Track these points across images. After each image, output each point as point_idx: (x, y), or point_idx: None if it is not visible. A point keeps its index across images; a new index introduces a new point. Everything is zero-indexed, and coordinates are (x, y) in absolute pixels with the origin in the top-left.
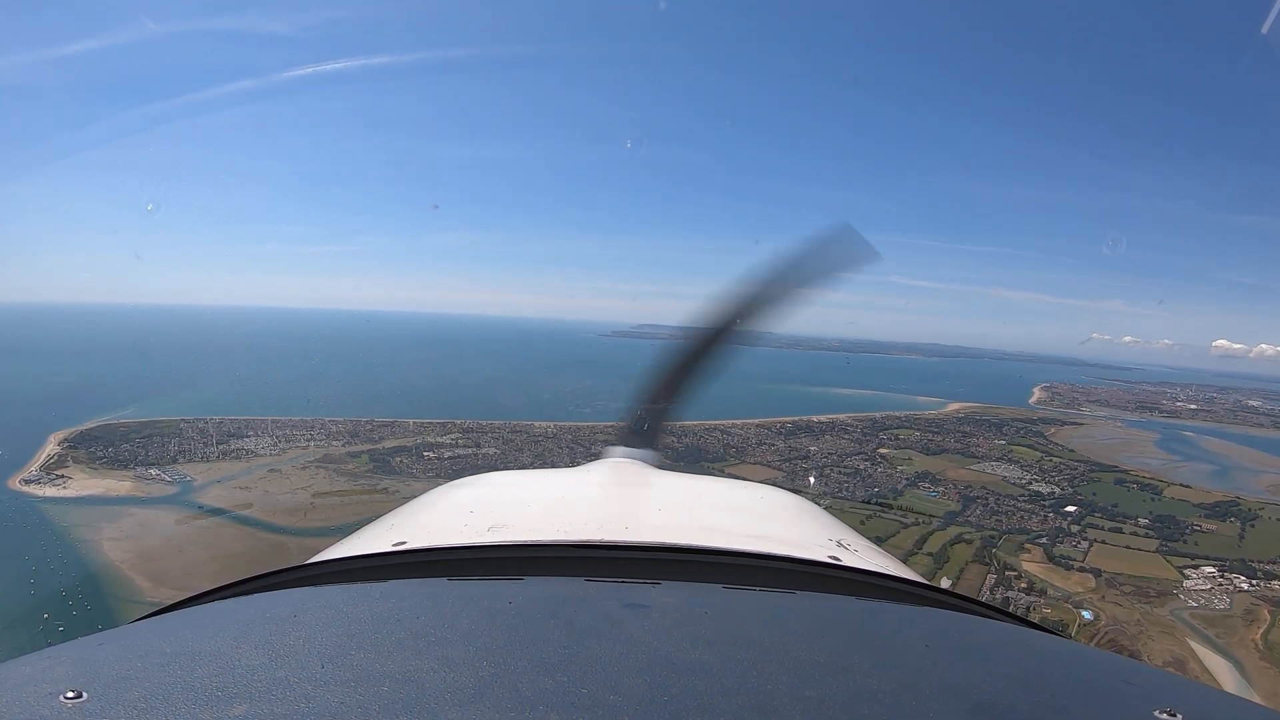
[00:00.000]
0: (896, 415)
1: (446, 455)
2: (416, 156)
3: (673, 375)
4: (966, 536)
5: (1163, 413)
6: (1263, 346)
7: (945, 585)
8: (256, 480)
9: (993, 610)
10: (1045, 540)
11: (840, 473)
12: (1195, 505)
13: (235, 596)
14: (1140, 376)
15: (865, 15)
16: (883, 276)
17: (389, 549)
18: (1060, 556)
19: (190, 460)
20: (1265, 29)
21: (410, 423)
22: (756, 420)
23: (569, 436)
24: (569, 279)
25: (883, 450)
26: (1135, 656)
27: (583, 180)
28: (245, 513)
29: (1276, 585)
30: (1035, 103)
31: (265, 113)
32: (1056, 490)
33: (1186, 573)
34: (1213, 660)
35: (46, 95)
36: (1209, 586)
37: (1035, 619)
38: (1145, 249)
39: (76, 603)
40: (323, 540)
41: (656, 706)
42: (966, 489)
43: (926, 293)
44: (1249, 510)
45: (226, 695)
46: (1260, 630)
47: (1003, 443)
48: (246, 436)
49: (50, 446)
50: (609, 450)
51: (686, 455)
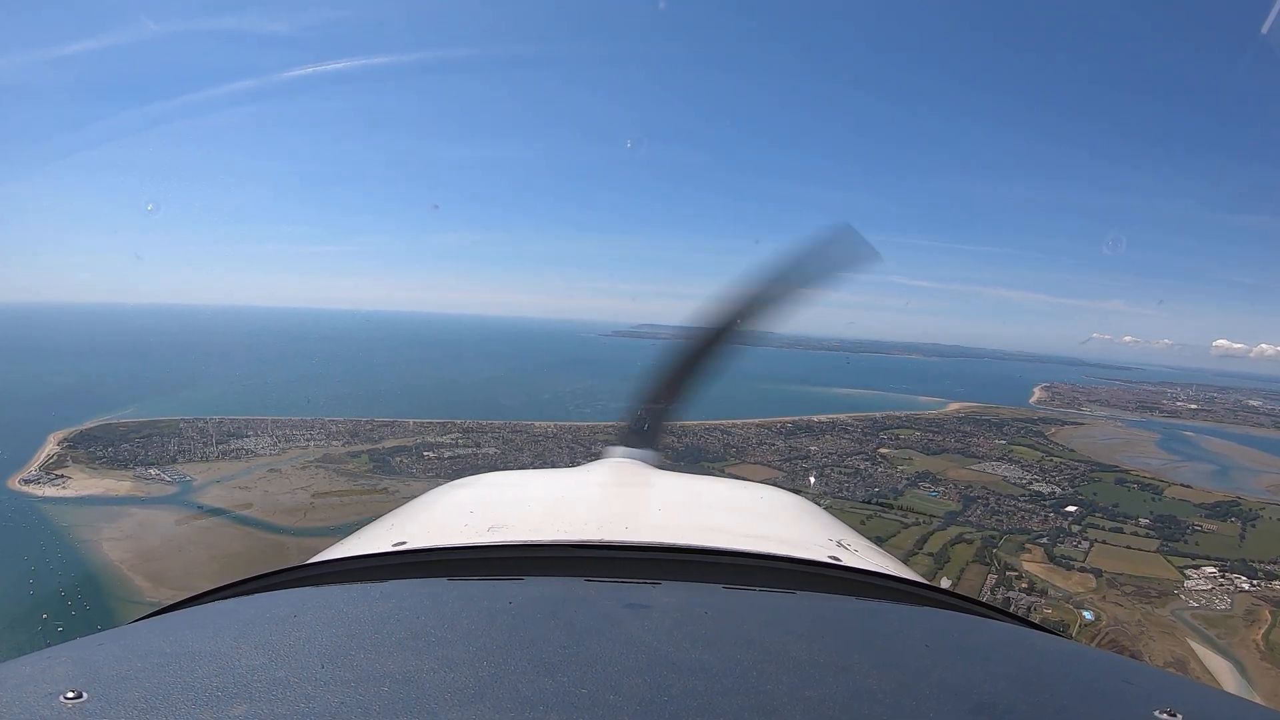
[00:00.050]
0: (897, 415)
1: (446, 455)
2: (416, 156)
3: (672, 375)
4: (967, 536)
5: (1163, 413)
6: (1263, 346)
7: (946, 585)
8: (256, 480)
9: (993, 610)
10: (1046, 540)
11: (840, 473)
12: (1196, 505)
13: (235, 596)
14: (1140, 376)
15: (865, 15)
16: (883, 276)
17: (389, 549)
18: (1061, 557)
19: (190, 460)
20: (1265, 29)
21: (410, 423)
22: (757, 420)
23: (569, 436)
24: (569, 279)
25: (883, 450)
26: (1136, 657)
27: (583, 180)
28: (245, 513)
29: (1277, 585)
30: (1035, 103)
31: (265, 113)
32: (1057, 490)
33: (1187, 573)
34: (1214, 661)
35: (46, 95)
36: (1210, 587)
37: (1036, 619)
38: (1145, 249)
39: (76, 603)
40: (323, 540)
41: (656, 706)
42: (967, 489)
43: (926, 293)
44: (1250, 510)
45: (226, 695)
46: (1261, 630)
47: (1003, 443)
48: (246, 436)
49: (50, 446)
50: (609, 450)
51: (686, 455)
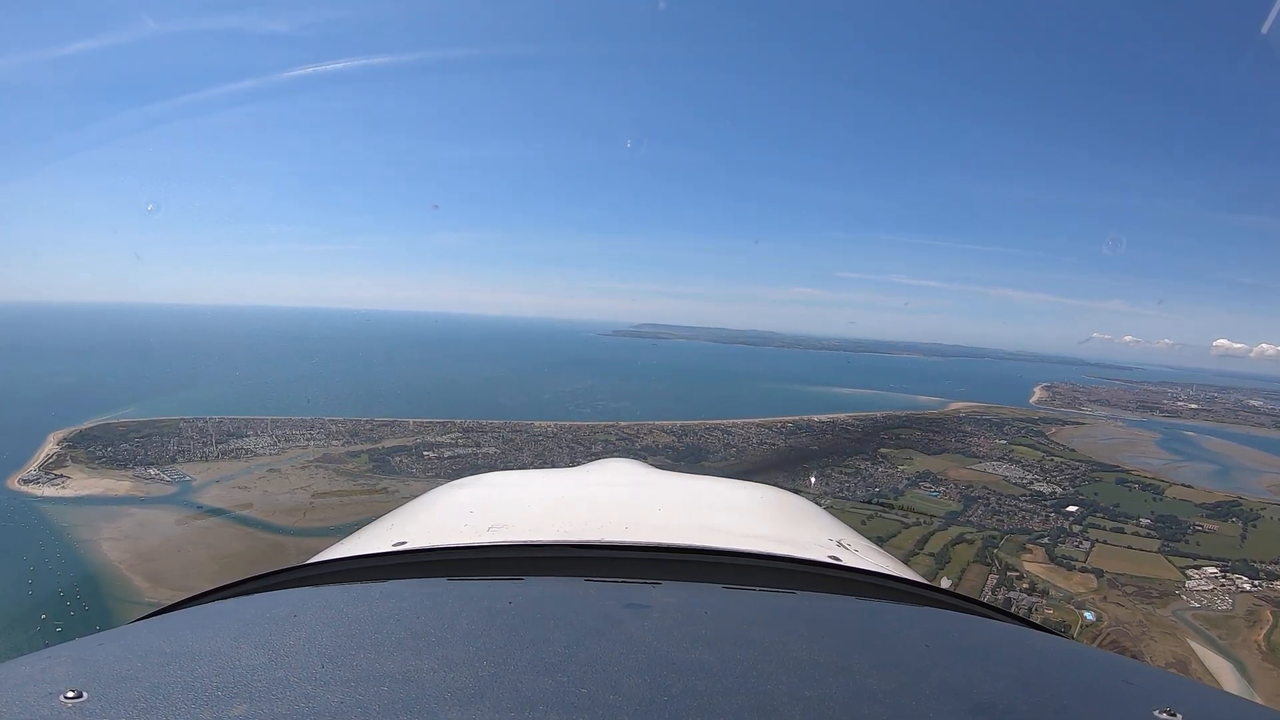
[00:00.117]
0: (897, 415)
1: (446, 455)
2: (416, 156)
3: None
4: (968, 537)
5: (1164, 412)
6: (1263, 346)
7: (946, 585)
8: (256, 480)
9: (993, 610)
10: (1047, 540)
11: (841, 472)
12: (1197, 505)
13: (235, 596)
14: (1141, 376)
15: (865, 15)
16: (883, 276)
17: (389, 549)
18: (1062, 557)
19: (189, 460)
20: (1265, 29)
21: (410, 422)
22: (757, 420)
23: (569, 436)
24: (569, 278)
25: (884, 450)
26: (1137, 657)
27: (582, 180)
28: (245, 513)
29: (1279, 586)
30: (1035, 102)
31: (265, 113)
32: (1058, 490)
33: (1188, 573)
34: (1215, 661)
35: (46, 95)
36: (1211, 587)
37: (1037, 620)
38: (1145, 249)
39: (75, 603)
40: (323, 540)
41: (656, 706)
42: (968, 489)
43: (927, 292)
44: (1251, 510)
45: (226, 695)
46: (1263, 631)
47: (1004, 442)
48: (246, 436)
49: (49, 446)
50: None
51: (686, 455)
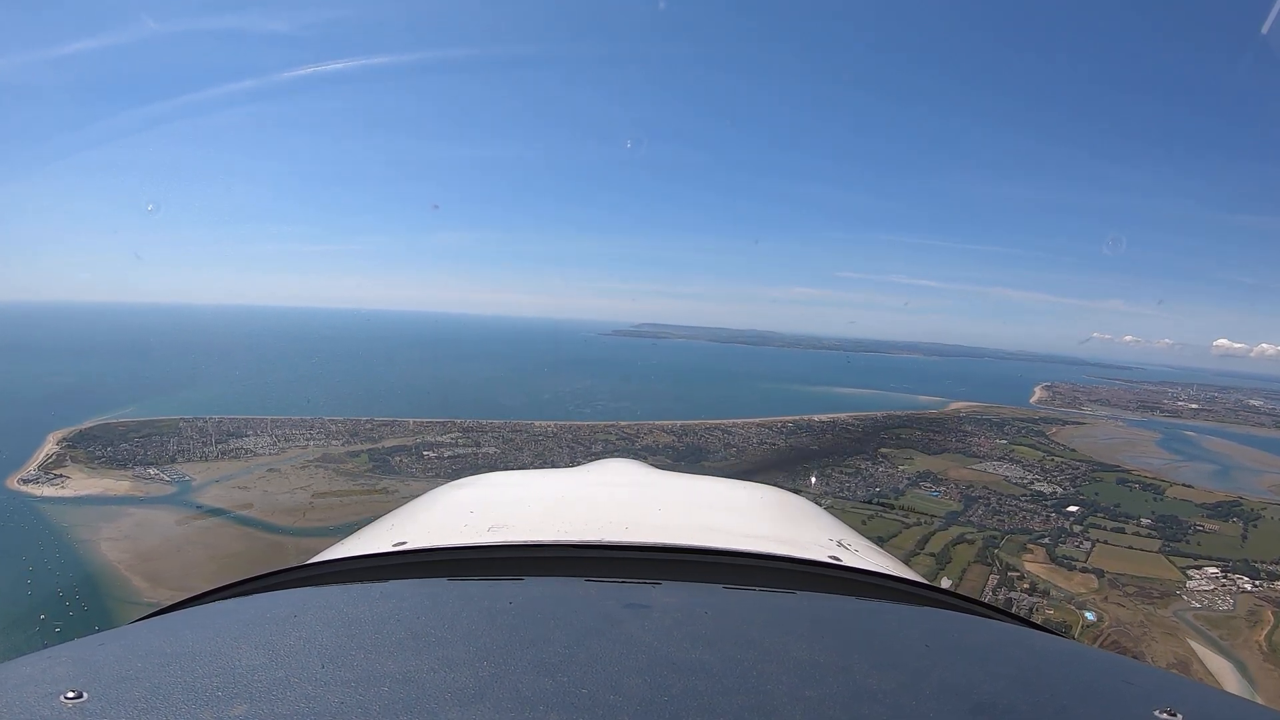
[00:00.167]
0: (898, 414)
1: (446, 455)
2: (416, 156)
3: None
4: (968, 537)
5: (1164, 412)
6: (1263, 346)
7: (946, 585)
8: (256, 480)
9: (993, 610)
10: (1047, 540)
11: (841, 472)
12: (1198, 505)
13: (235, 597)
14: (1141, 376)
15: (865, 15)
16: (883, 276)
17: (389, 549)
18: (1063, 557)
19: (189, 460)
20: (1265, 29)
21: (410, 422)
22: (757, 419)
23: (569, 436)
24: (569, 278)
25: (884, 450)
26: (1138, 658)
27: (582, 180)
28: (244, 513)
29: None
30: (1035, 102)
31: (265, 113)
32: (1058, 490)
33: (1189, 573)
34: (1216, 662)
35: (46, 95)
36: (1212, 587)
37: (1038, 620)
38: (1145, 249)
39: (74, 603)
40: (322, 540)
41: (657, 706)
42: (968, 489)
43: (927, 292)
44: (1252, 510)
45: (227, 695)
46: (1264, 632)
47: (1004, 442)
48: (246, 436)
49: (49, 446)
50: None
51: (686, 455)
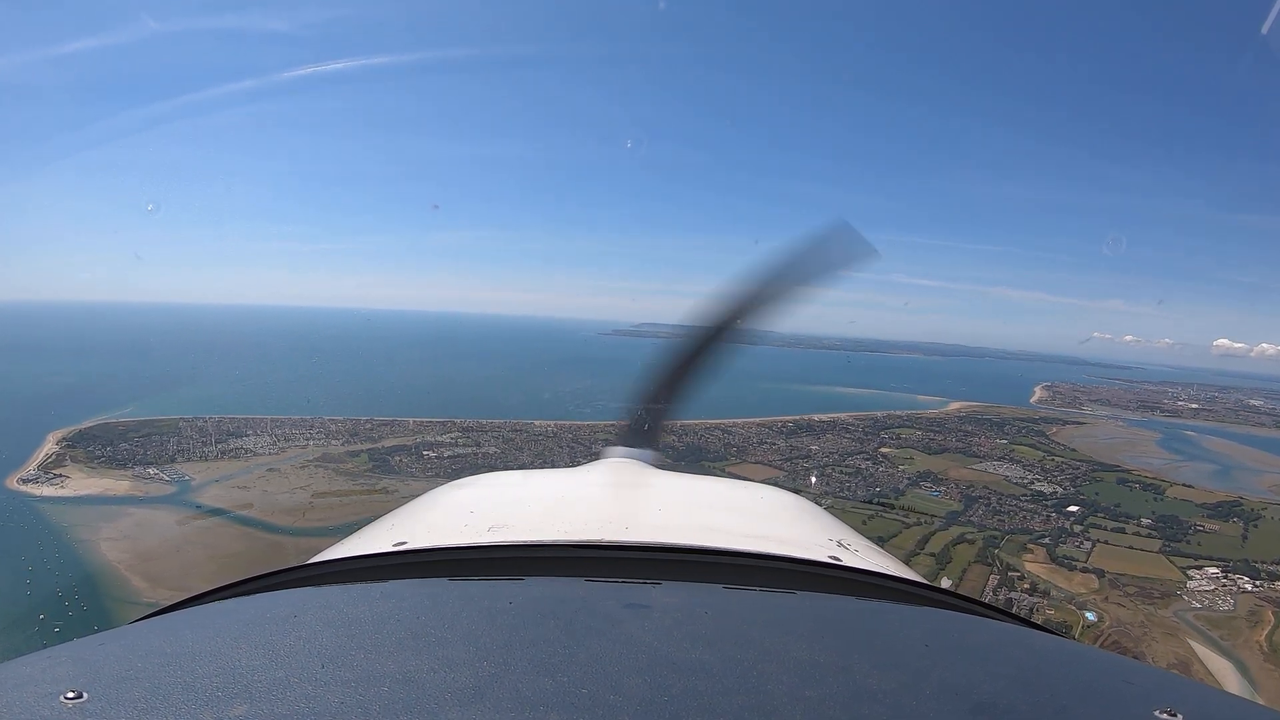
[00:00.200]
0: (898, 414)
1: (446, 454)
2: (417, 155)
3: (672, 374)
4: (969, 537)
5: (1164, 412)
6: (1264, 346)
7: (946, 586)
8: (255, 480)
9: (993, 610)
10: (1048, 541)
11: (841, 472)
12: (1198, 505)
13: (235, 597)
14: (1141, 376)
15: (865, 15)
16: (883, 275)
17: (389, 549)
18: (1063, 557)
19: (189, 459)
20: (1265, 29)
21: (410, 421)
22: (757, 419)
23: (569, 436)
24: (569, 277)
25: (884, 449)
26: (1139, 658)
27: (583, 179)
28: (244, 513)
29: None
30: (1036, 102)
31: (265, 112)
32: (1059, 490)
33: (1190, 573)
34: (1216, 662)
35: (46, 95)
36: (1213, 587)
37: (1038, 620)
38: (1145, 248)
39: (73, 603)
40: (322, 540)
41: (656, 706)
42: (968, 489)
43: (927, 291)
44: (1252, 510)
45: (227, 695)
46: (1265, 632)
47: (1004, 442)
48: (245, 435)
49: (48, 445)
50: (609, 450)
51: (686, 455)
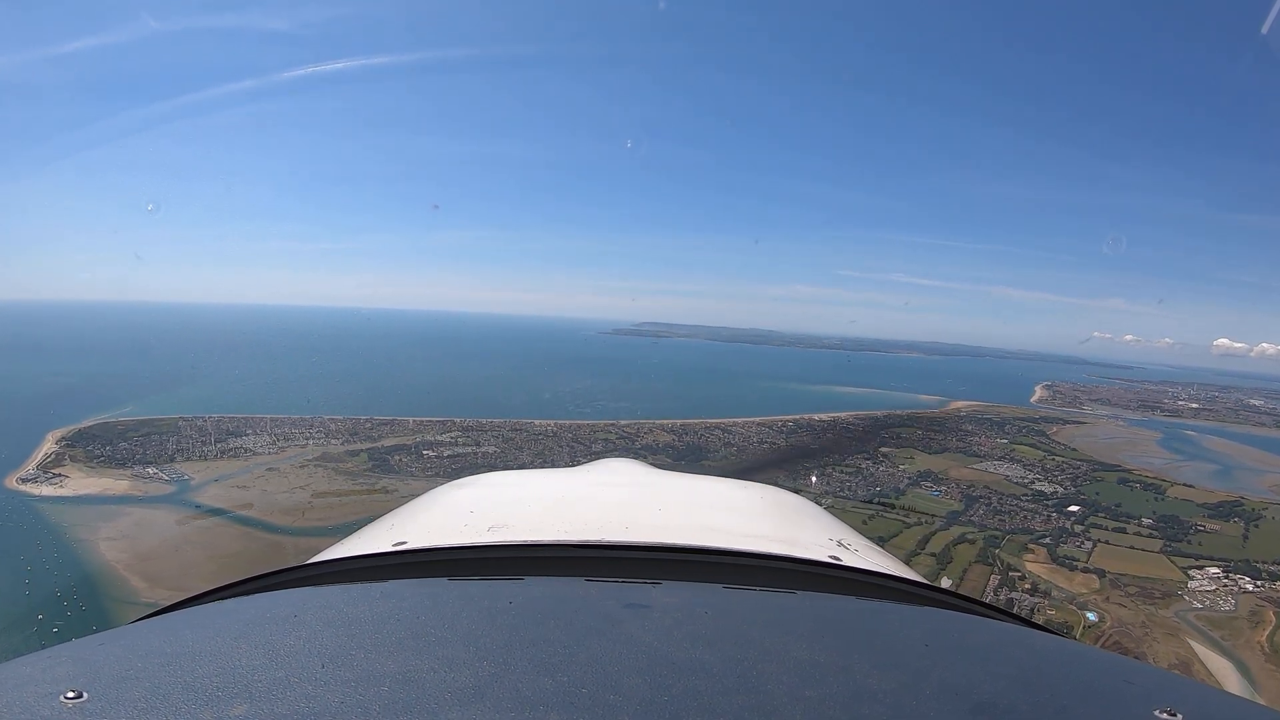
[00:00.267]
0: (898, 414)
1: (446, 454)
2: (417, 155)
3: None
4: (969, 536)
5: (1165, 411)
6: (1264, 345)
7: (947, 585)
8: (255, 479)
9: (993, 610)
10: (1049, 540)
11: (842, 472)
12: (1199, 505)
13: (235, 596)
14: (1142, 375)
15: (866, 15)
16: (884, 274)
17: (389, 549)
18: (1064, 557)
19: (188, 459)
20: (1265, 29)
21: (410, 421)
22: (758, 419)
23: (569, 435)
24: (570, 277)
25: (884, 449)
26: (1139, 658)
27: (583, 179)
28: (244, 512)
29: None
30: (1036, 102)
31: (265, 112)
32: (1059, 490)
33: (1191, 573)
34: (1217, 662)
35: (46, 95)
36: (1214, 587)
37: (1039, 620)
38: (1146, 248)
39: (72, 603)
40: (323, 540)
41: (657, 706)
42: (969, 488)
43: (928, 291)
44: (1253, 510)
45: (227, 695)
46: (1265, 632)
47: (1005, 442)
48: (245, 435)
49: (48, 445)
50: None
51: (686, 455)
